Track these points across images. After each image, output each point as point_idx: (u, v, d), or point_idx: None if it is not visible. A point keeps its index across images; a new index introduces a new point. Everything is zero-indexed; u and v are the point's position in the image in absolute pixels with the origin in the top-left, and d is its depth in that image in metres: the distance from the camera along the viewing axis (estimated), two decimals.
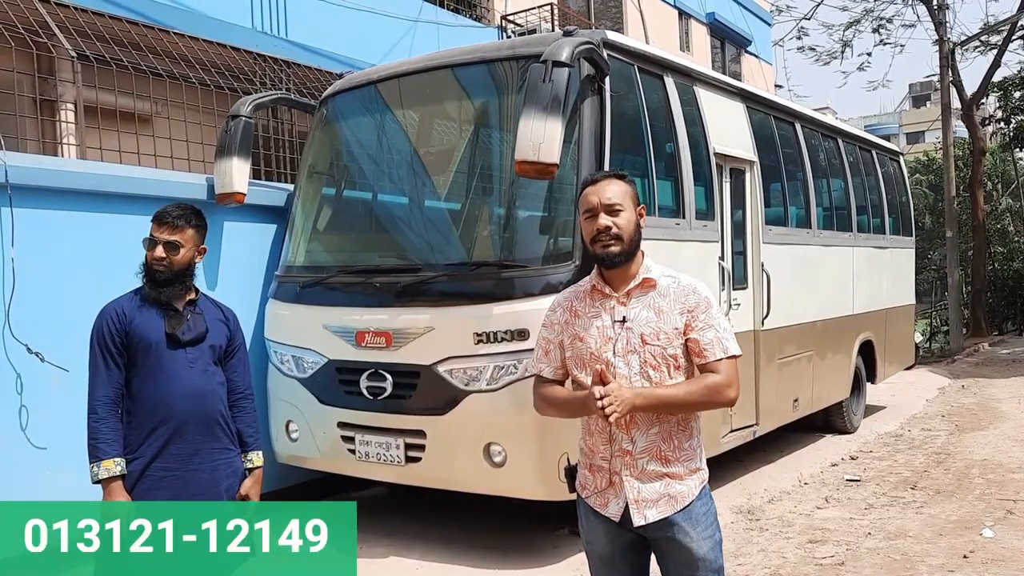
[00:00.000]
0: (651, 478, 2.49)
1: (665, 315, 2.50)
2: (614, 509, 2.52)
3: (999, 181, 29.49)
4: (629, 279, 2.53)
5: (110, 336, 2.97)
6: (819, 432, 8.45)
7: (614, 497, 2.52)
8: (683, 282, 2.55)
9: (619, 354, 2.49)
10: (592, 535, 2.62)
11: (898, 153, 10.87)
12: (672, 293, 2.52)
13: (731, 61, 22.19)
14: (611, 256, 2.48)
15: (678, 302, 2.51)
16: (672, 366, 2.49)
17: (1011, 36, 19.91)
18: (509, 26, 13.44)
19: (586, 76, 4.89)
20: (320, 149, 6.23)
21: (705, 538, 2.51)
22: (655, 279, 2.54)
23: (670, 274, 2.58)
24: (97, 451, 2.91)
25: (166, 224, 3.03)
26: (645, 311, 2.51)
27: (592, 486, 2.58)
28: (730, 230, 6.27)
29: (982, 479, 6.57)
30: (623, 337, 2.49)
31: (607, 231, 2.47)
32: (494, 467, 4.79)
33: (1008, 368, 14.14)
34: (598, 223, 2.48)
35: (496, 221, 5.36)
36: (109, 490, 2.90)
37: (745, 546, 5.15)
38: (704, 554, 2.50)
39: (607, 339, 2.51)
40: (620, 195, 2.51)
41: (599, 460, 2.55)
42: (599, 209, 2.49)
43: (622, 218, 2.49)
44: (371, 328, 5.08)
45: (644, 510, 2.48)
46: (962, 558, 4.78)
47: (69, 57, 6.60)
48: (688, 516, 2.49)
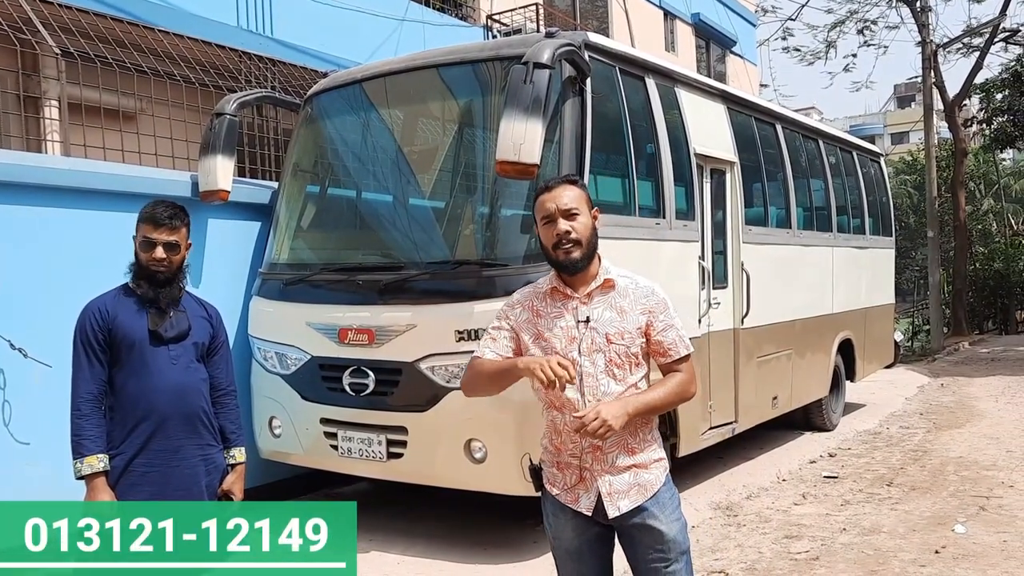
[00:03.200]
0: (620, 470, 2.57)
1: (627, 315, 2.58)
2: (586, 503, 2.59)
3: (981, 182, 29.77)
4: (589, 280, 2.60)
5: (93, 333, 2.99)
6: (798, 430, 8.54)
7: (585, 492, 2.59)
8: (641, 283, 2.64)
9: (584, 353, 2.55)
10: (559, 531, 2.68)
11: (879, 154, 10.97)
12: (632, 293, 2.60)
13: (716, 62, 22.30)
14: (573, 262, 2.55)
15: (638, 303, 2.59)
16: (633, 364, 2.58)
17: (993, 38, 20.12)
18: (495, 26, 13.48)
19: (567, 77, 4.94)
20: (304, 147, 6.26)
21: (673, 520, 2.61)
22: (614, 279, 2.61)
23: (627, 275, 2.65)
24: (81, 447, 2.94)
25: (163, 226, 3.04)
26: (608, 311, 2.58)
27: (561, 483, 2.64)
28: (710, 230, 6.34)
29: (957, 476, 6.68)
30: (588, 336, 2.55)
31: (567, 235, 2.53)
32: (474, 463, 4.84)
33: (987, 367, 14.32)
34: (557, 228, 2.54)
35: (478, 220, 5.41)
36: (92, 486, 2.92)
37: (722, 541, 5.23)
38: (674, 535, 2.59)
39: (571, 339, 2.57)
40: (576, 200, 2.57)
41: (567, 457, 2.61)
42: (556, 215, 2.55)
43: (579, 222, 2.55)
44: (354, 325, 5.12)
45: (617, 501, 2.56)
46: (934, 553, 4.87)
47: (53, 54, 6.61)
48: (657, 502, 2.60)
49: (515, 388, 4.72)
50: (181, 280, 3.14)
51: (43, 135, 7.09)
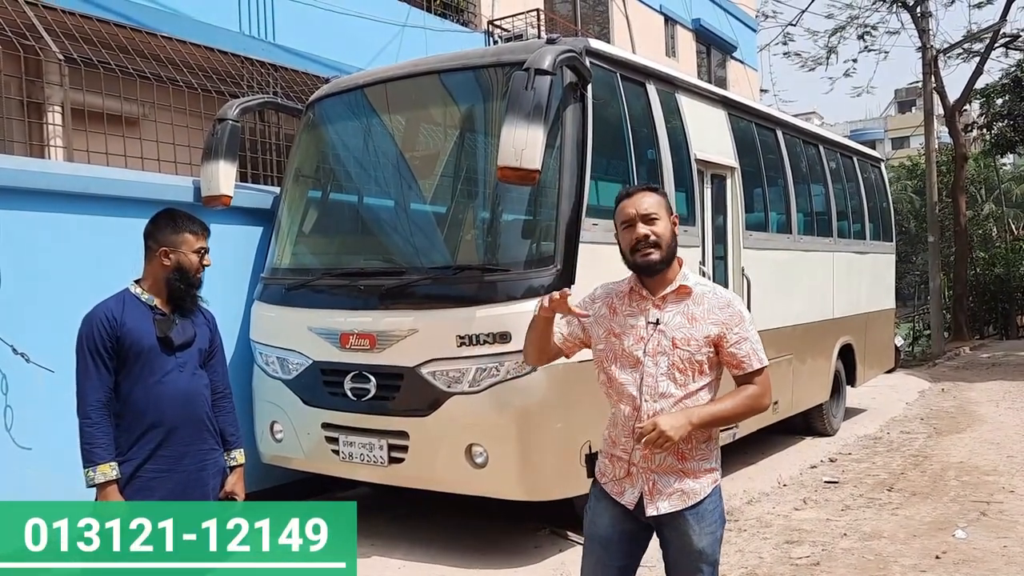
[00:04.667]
0: (666, 472, 2.63)
1: (698, 323, 2.62)
2: (629, 497, 2.67)
3: (982, 187, 29.78)
4: (666, 284, 2.66)
5: (101, 341, 2.98)
6: (799, 434, 8.54)
7: (630, 486, 2.67)
8: (720, 293, 2.69)
9: (649, 354, 2.62)
10: (597, 517, 2.76)
11: (879, 160, 10.98)
12: (707, 302, 2.65)
13: (717, 67, 22.32)
14: (651, 264, 2.62)
15: (712, 312, 2.64)
16: (697, 371, 2.62)
17: (993, 44, 20.16)
18: (496, 31, 13.50)
19: (568, 84, 4.97)
20: (306, 153, 6.28)
21: (707, 533, 2.65)
22: (691, 287, 2.66)
23: (706, 284, 2.72)
24: (92, 455, 2.93)
25: (206, 232, 3.20)
26: (678, 316, 2.63)
27: (611, 474, 2.73)
28: (711, 235, 6.35)
29: (957, 481, 6.68)
30: (655, 338, 2.62)
31: (646, 239, 2.61)
32: (476, 468, 4.85)
33: (988, 372, 14.32)
34: (637, 232, 2.62)
35: (479, 225, 5.43)
36: (104, 494, 2.92)
37: (723, 546, 5.22)
38: (703, 547, 2.65)
39: (639, 339, 2.64)
40: (655, 205, 2.65)
41: (619, 451, 2.69)
42: (636, 219, 2.63)
43: (659, 226, 2.63)
44: (355, 330, 5.13)
45: (657, 502, 2.63)
46: (934, 559, 4.88)
47: (57, 60, 6.62)
48: (696, 512, 2.64)
49: (516, 392, 4.74)
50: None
51: (46, 140, 7.11)
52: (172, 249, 3.09)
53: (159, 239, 3.11)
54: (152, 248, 3.12)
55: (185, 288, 3.11)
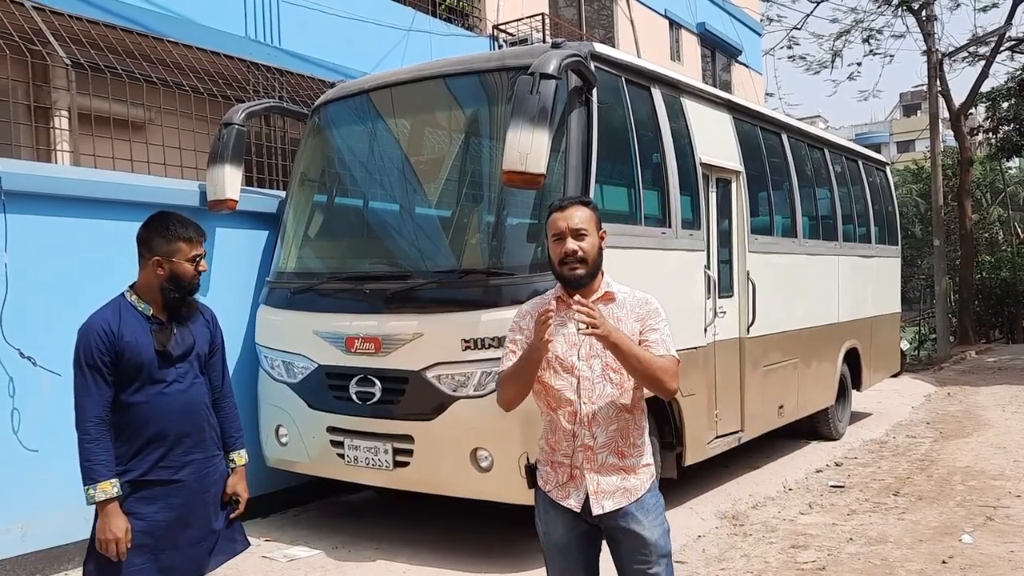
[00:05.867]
0: (609, 471, 2.75)
1: (623, 323, 2.75)
2: (574, 500, 2.77)
3: (988, 190, 29.71)
4: (592, 293, 2.77)
5: (99, 355, 2.89)
6: (805, 439, 8.53)
7: (575, 490, 2.77)
8: (637, 295, 2.83)
9: (583, 358, 2.75)
10: (550, 526, 2.85)
11: (884, 163, 10.98)
12: (628, 304, 2.80)
13: (722, 70, 22.33)
14: (578, 278, 2.74)
15: (633, 312, 2.79)
16: None
17: (999, 47, 20.15)
18: (501, 36, 13.53)
19: (573, 88, 4.97)
20: (312, 157, 6.29)
21: (655, 526, 2.78)
22: (614, 292, 2.82)
23: (626, 289, 2.84)
24: (93, 472, 2.86)
25: (202, 237, 3.09)
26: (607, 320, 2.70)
27: (554, 480, 2.82)
28: (716, 239, 6.35)
29: (963, 486, 6.66)
30: (587, 343, 2.72)
31: (574, 254, 2.72)
32: (480, 472, 4.85)
33: (994, 376, 14.27)
34: (566, 247, 2.73)
35: (484, 229, 5.44)
36: (105, 512, 2.86)
37: (729, 551, 5.22)
38: (655, 540, 2.77)
39: (572, 344, 2.75)
40: (586, 220, 2.76)
41: (560, 457, 2.80)
42: (567, 233, 2.74)
43: (587, 242, 2.74)
44: (361, 334, 5.14)
45: (602, 500, 2.73)
46: (941, 563, 4.87)
47: (64, 65, 6.66)
48: (640, 507, 2.77)
49: None
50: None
51: (53, 145, 7.14)
52: (165, 259, 2.98)
53: (152, 247, 2.99)
54: (145, 256, 3.02)
55: (180, 297, 3.03)
